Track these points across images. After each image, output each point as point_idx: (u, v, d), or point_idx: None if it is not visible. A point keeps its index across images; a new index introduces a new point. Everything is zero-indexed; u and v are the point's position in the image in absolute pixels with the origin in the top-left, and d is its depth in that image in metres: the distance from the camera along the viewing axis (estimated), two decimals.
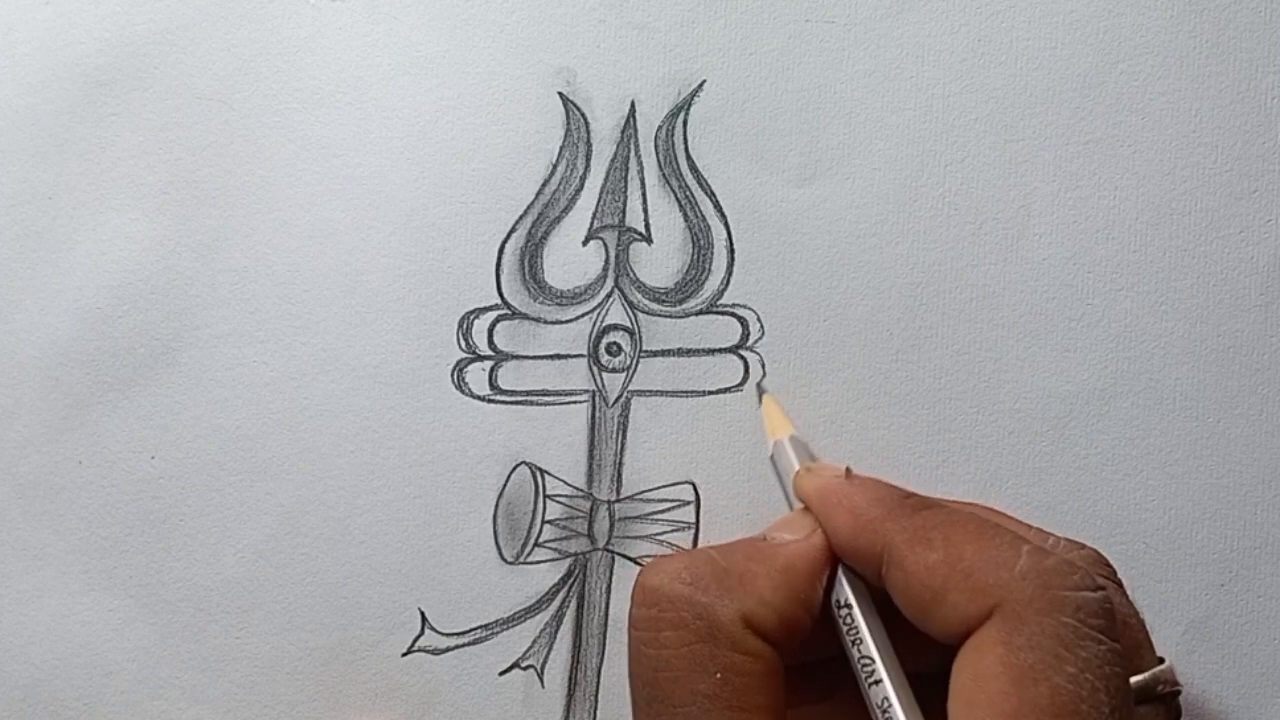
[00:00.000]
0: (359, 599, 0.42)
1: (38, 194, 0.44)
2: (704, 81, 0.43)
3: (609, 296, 0.43)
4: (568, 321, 0.43)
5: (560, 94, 0.43)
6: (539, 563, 0.42)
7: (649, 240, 0.43)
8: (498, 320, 0.43)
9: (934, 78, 0.43)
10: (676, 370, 0.43)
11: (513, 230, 0.43)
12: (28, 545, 0.43)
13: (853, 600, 0.26)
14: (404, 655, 0.42)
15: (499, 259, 0.43)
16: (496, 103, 0.43)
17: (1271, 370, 0.42)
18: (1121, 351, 0.42)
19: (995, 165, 0.42)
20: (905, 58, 0.43)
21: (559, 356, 0.43)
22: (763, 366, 0.42)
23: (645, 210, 0.43)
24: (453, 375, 0.43)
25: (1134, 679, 0.24)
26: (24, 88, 0.44)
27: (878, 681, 0.25)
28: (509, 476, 0.42)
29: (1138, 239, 0.42)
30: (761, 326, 0.42)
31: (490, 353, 0.43)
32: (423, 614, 0.42)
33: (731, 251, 0.43)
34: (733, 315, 0.43)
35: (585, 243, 0.43)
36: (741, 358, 0.42)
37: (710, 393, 0.42)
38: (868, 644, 0.25)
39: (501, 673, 0.42)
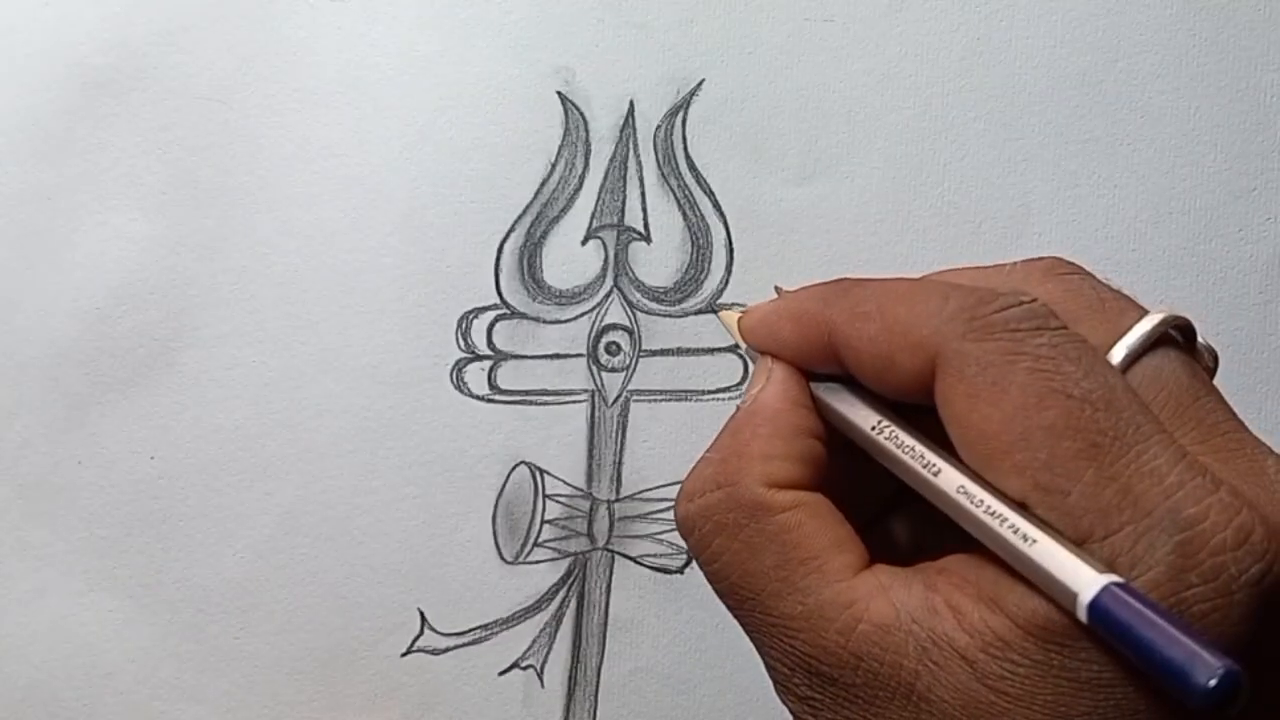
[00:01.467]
0: (358, 599, 0.42)
1: (38, 194, 0.44)
2: (703, 81, 0.43)
3: (608, 296, 0.43)
4: (567, 321, 0.43)
5: (559, 93, 0.43)
6: (538, 562, 0.42)
7: (648, 239, 0.43)
8: (497, 320, 0.43)
9: (933, 77, 0.43)
10: (676, 370, 0.43)
11: (511, 230, 0.43)
12: (28, 545, 0.43)
13: (838, 398, 0.25)
14: (403, 655, 0.42)
15: (498, 258, 0.43)
16: (495, 102, 0.43)
17: (1271, 369, 0.42)
18: None
19: (994, 164, 0.42)
20: (904, 57, 0.43)
21: (558, 356, 0.43)
22: None
23: (644, 209, 0.43)
24: (452, 375, 0.43)
25: (1133, 330, 0.23)
26: (24, 89, 0.44)
27: (894, 440, 0.24)
28: (508, 476, 0.42)
29: (1137, 238, 0.42)
30: None
31: (489, 352, 0.43)
32: (422, 614, 0.42)
33: (730, 251, 0.43)
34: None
35: (584, 242, 0.43)
36: (741, 358, 0.42)
37: (709, 392, 0.42)
38: (868, 418, 0.24)
39: (501, 672, 0.42)
